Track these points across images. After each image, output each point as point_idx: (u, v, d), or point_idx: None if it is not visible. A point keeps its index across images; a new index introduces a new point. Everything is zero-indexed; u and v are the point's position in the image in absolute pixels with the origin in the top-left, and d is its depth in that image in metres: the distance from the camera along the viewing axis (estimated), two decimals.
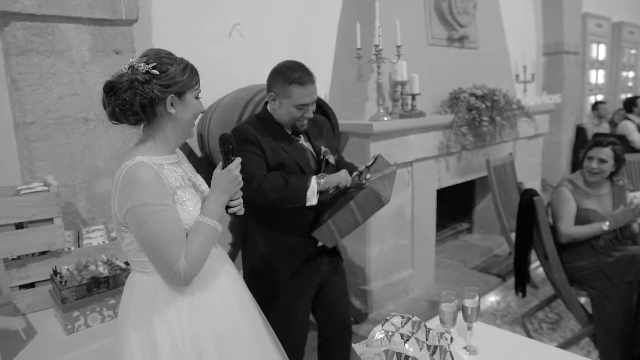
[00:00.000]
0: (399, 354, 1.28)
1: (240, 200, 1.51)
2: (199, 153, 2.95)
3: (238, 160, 1.44)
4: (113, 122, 1.38)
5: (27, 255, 1.90)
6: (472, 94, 3.86)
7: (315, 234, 1.95)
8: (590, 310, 2.83)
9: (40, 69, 2.18)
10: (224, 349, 1.41)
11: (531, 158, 5.06)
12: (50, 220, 1.91)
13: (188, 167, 1.53)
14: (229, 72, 3.06)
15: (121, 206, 1.31)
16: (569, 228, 2.76)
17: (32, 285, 1.94)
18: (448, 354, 1.35)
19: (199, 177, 1.57)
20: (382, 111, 3.31)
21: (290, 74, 1.89)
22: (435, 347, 1.34)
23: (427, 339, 1.38)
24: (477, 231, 5.01)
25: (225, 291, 1.48)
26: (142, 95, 1.31)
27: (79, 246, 2.06)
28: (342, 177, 1.91)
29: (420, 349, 1.29)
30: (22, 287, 1.92)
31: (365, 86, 3.41)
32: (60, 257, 1.96)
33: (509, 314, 3.42)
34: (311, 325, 2.24)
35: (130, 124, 1.37)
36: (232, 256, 3.12)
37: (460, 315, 1.62)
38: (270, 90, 1.95)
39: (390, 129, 3.25)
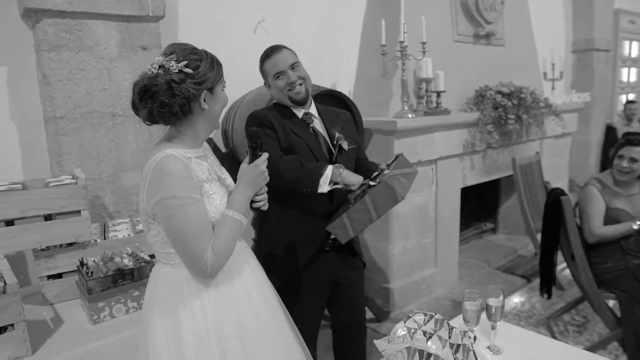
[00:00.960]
0: (421, 351, 1.27)
1: (265, 196, 1.51)
2: (223, 148, 2.97)
3: (265, 155, 1.45)
4: (149, 124, 1.39)
5: (55, 246, 1.95)
6: (499, 92, 3.80)
7: (330, 227, 1.92)
8: (618, 313, 2.76)
9: (69, 64, 2.23)
10: (247, 341, 1.41)
11: (558, 158, 4.96)
12: (78, 212, 1.95)
13: (214, 161, 1.54)
14: (253, 69, 3.05)
15: (150, 198, 1.32)
16: (598, 228, 2.70)
17: (59, 275, 1.99)
18: (471, 352, 1.33)
19: (224, 170, 1.58)
20: (406, 108, 3.28)
21: (261, 56, 2.07)
22: (458, 346, 1.32)
23: (449, 337, 1.36)
24: (501, 231, 4.94)
25: (249, 285, 1.49)
26: (180, 96, 1.31)
27: (104, 238, 2.10)
28: (358, 181, 1.89)
29: (443, 346, 1.27)
30: (50, 277, 1.97)
31: (389, 83, 3.39)
32: (87, 248, 2.00)
33: (533, 316, 3.36)
34: (327, 323, 2.25)
35: (167, 124, 1.38)
36: (255, 251, 3.13)
37: (483, 314, 1.60)
38: (265, 80, 2.09)
39: (415, 126, 3.22)
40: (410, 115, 3.23)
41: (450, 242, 3.79)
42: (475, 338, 1.55)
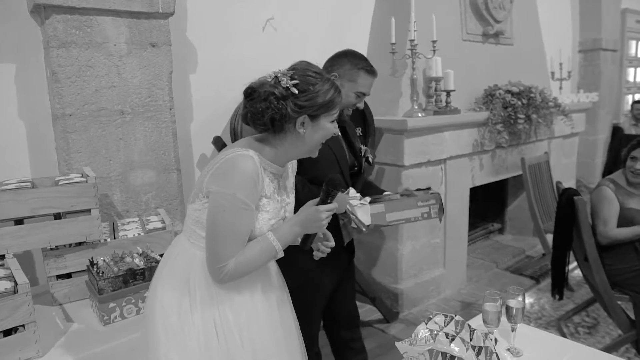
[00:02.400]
0: (444, 354, 1.23)
1: (324, 254, 1.53)
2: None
3: (333, 206, 1.40)
4: (244, 123, 1.40)
5: (64, 245, 1.92)
6: (508, 91, 3.76)
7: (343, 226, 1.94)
8: (632, 315, 2.73)
9: (78, 61, 2.20)
10: (246, 342, 1.41)
11: (566, 158, 4.93)
12: (88, 211, 1.92)
13: (288, 184, 1.52)
14: (262, 66, 3.02)
15: (212, 182, 1.31)
16: (612, 230, 2.67)
17: (69, 275, 1.96)
18: (494, 355, 1.30)
19: (292, 196, 1.55)
20: (416, 107, 3.25)
21: (360, 61, 1.94)
22: (481, 348, 1.29)
23: (471, 339, 1.33)
24: (509, 232, 4.90)
25: (257, 296, 1.47)
26: (274, 110, 1.31)
27: (114, 238, 2.07)
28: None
29: (467, 349, 1.24)
30: (59, 277, 1.94)
31: (399, 82, 3.36)
32: (97, 248, 1.97)
33: (543, 317, 3.33)
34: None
35: (257, 131, 1.38)
36: None
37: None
38: (332, 71, 1.93)
39: (425, 125, 3.19)
40: (419, 114, 3.20)
41: (459, 242, 3.76)
42: (496, 340, 1.52)
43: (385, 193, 2.16)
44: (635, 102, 6.29)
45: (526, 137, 4.10)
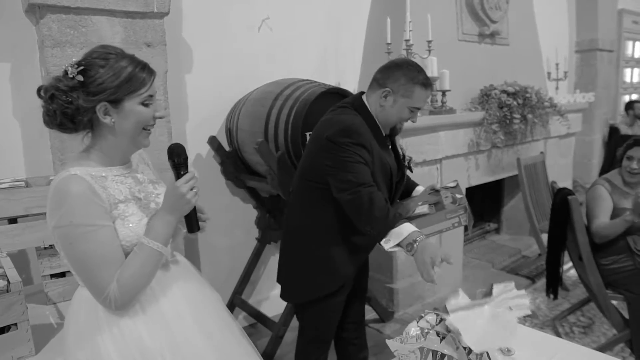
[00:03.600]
0: (434, 352, 1.24)
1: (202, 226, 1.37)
2: (227, 147, 2.95)
3: (190, 174, 1.27)
4: (47, 127, 1.26)
5: None
6: (504, 91, 3.77)
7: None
8: (626, 314, 2.74)
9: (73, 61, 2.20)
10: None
11: (562, 158, 4.94)
12: None
13: (147, 175, 1.40)
14: (258, 66, 3.06)
15: (49, 222, 1.20)
16: (598, 226, 2.67)
17: (62, 274, 1.96)
18: (485, 354, 1.31)
19: (161, 185, 1.43)
20: None
21: (416, 75, 1.79)
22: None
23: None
24: (505, 231, 4.91)
25: (179, 303, 1.34)
26: (62, 105, 1.18)
27: None
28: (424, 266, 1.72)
29: (457, 347, 1.25)
30: (53, 276, 1.95)
31: None
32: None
33: (538, 317, 3.34)
34: None
35: (64, 132, 1.24)
36: (258, 252, 3.11)
37: None
38: (386, 85, 1.82)
39: (420, 125, 3.19)
40: None
41: (455, 242, 3.77)
42: None
43: (418, 188, 2.11)
44: (634, 102, 6.26)
45: (522, 137, 4.11)
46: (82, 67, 1.18)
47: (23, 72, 2.28)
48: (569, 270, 3.65)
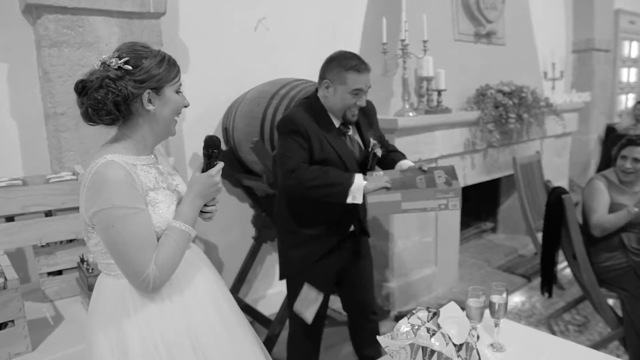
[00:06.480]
0: (424, 348, 1.26)
1: (215, 208, 1.44)
2: (223, 146, 2.96)
3: (220, 165, 1.38)
4: (88, 123, 1.29)
5: (55, 242, 1.94)
6: (499, 91, 3.79)
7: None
8: (620, 312, 2.76)
9: (70, 60, 2.22)
10: (203, 352, 1.33)
11: (558, 157, 4.96)
12: (78, 208, 1.93)
13: (166, 167, 1.46)
14: (254, 66, 3.07)
15: (88, 207, 1.24)
16: (600, 218, 2.68)
17: (59, 272, 1.98)
18: (474, 351, 1.33)
19: (177, 176, 1.50)
20: (407, 107, 3.27)
21: (347, 62, 1.94)
22: (462, 344, 1.31)
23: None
24: (501, 231, 4.94)
25: (200, 294, 1.40)
26: (114, 93, 1.23)
27: None
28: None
29: (447, 344, 1.26)
30: (50, 274, 1.96)
31: (390, 81, 3.38)
32: (87, 245, 1.99)
33: (534, 315, 3.36)
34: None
35: (105, 124, 1.29)
36: (255, 250, 3.13)
37: (486, 312, 1.59)
38: (324, 77, 1.99)
39: (416, 124, 3.21)
40: (411, 114, 3.22)
41: (451, 241, 3.79)
42: (478, 337, 1.55)
43: (404, 162, 2.14)
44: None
45: (518, 137, 4.13)
46: (126, 58, 1.25)
47: (20, 72, 2.30)
48: (564, 269, 3.67)
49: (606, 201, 2.72)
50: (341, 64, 1.94)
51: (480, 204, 4.85)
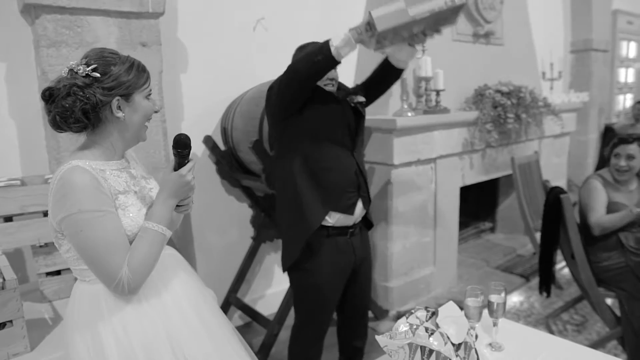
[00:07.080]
0: (422, 348, 1.26)
1: (191, 200, 1.44)
2: (222, 146, 2.96)
3: (192, 164, 1.36)
4: (57, 130, 1.28)
5: (53, 243, 1.93)
6: (498, 91, 3.80)
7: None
8: (618, 312, 2.76)
9: (69, 60, 2.18)
10: (183, 354, 1.32)
11: (557, 157, 4.97)
12: None
13: (139, 171, 1.45)
14: (253, 66, 3.07)
15: (55, 214, 1.23)
16: (601, 217, 2.69)
17: (58, 272, 1.98)
18: (473, 350, 1.33)
19: (152, 180, 1.49)
20: (405, 107, 3.28)
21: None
22: (460, 343, 1.31)
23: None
24: (500, 230, 4.94)
25: (179, 296, 1.39)
26: (82, 101, 1.21)
27: None
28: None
29: (445, 343, 1.27)
30: (48, 274, 1.96)
31: None
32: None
33: (532, 315, 3.36)
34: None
35: (74, 131, 1.27)
36: (253, 250, 3.13)
37: (485, 311, 1.60)
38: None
39: (414, 124, 3.22)
40: (409, 114, 3.22)
41: (450, 241, 3.79)
42: (476, 336, 1.55)
43: None
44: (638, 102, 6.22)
45: (516, 137, 4.13)
46: (94, 65, 1.23)
47: (19, 72, 2.30)
48: (562, 268, 3.68)
49: (604, 200, 2.74)
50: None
51: (478, 204, 4.86)
